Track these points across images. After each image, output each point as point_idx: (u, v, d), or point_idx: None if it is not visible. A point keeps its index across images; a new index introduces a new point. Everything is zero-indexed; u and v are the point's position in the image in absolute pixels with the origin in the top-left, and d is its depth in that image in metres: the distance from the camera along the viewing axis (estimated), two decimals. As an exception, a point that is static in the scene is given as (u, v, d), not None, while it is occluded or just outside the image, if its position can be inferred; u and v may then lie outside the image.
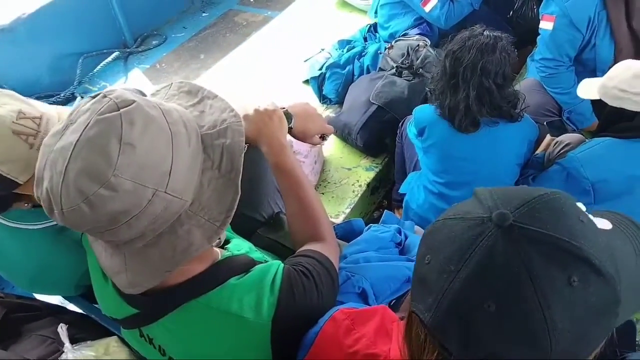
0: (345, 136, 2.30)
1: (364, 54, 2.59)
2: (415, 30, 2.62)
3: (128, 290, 0.80)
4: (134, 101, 0.72)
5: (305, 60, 2.78)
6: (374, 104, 2.22)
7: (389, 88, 2.25)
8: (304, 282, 0.92)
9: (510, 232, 0.51)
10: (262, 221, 1.32)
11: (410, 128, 1.92)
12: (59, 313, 1.31)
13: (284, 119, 1.18)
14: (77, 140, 0.69)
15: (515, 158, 1.77)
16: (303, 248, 1.07)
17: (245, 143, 1.19)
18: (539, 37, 2.18)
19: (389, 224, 1.41)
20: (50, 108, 1.05)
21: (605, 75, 1.62)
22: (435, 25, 2.58)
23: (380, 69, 2.42)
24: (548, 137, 1.87)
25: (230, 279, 0.87)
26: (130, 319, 0.91)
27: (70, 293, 1.30)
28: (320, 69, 2.59)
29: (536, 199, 0.54)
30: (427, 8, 2.50)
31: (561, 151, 1.74)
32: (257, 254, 1.02)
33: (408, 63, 2.30)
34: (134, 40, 3.57)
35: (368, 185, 2.26)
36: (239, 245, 1.01)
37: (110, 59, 3.42)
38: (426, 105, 1.81)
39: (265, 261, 0.97)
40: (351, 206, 2.18)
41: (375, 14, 2.82)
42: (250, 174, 1.28)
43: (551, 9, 2.06)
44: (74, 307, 1.38)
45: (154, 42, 3.61)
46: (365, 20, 2.98)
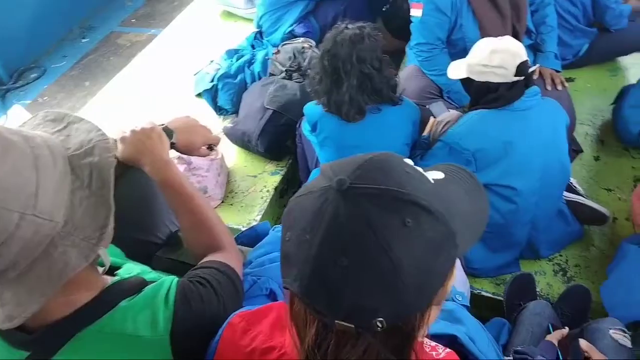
0: (245, 144, 2.31)
1: (253, 61, 2.61)
2: (301, 27, 2.70)
3: (6, 325, 0.76)
4: None
5: (195, 74, 2.75)
6: (269, 109, 2.25)
7: (282, 92, 2.29)
8: (202, 292, 0.93)
9: (348, 193, 0.57)
10: (160, 243, 1.30)
11: (304, 125, 1.97)
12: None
13: (163, 136, 1.17)
14: None
15: (403, 138, 1.87)
16: (203, 260, 1.07)
17: (128, 165, 1.19)
18: (411, 25, 2.32)
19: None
20: None
21: (468, 54, 1.76)
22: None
23: (271, 74, 2.45)
24: (431, 119, 2.00)
25: (122, 301, 0.86)
26: None
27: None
28: (212, 81, 2.58)
29: (367, 162, 0.61)
30: None
31: (443, 129, 1.87)
32: (151, 275, 1.00)
33: (296, 66, 2.36)
34: (10, 76, 3.35)
35: (276, 189, 2.29)
36: (130, 269, 0.99)
37: (-15, 99, 3.19)
38: (314, 102, 1.87)
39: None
40: (262, 212, 2.19)
41: (259, 25, 2.85)
42: (140, 197, 1.25)
43: None
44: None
45: (32, 76, 3.41)
46: (251, 28, 3.00)
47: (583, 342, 1.27)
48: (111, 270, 0.97)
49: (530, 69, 1.68)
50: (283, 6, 2.73)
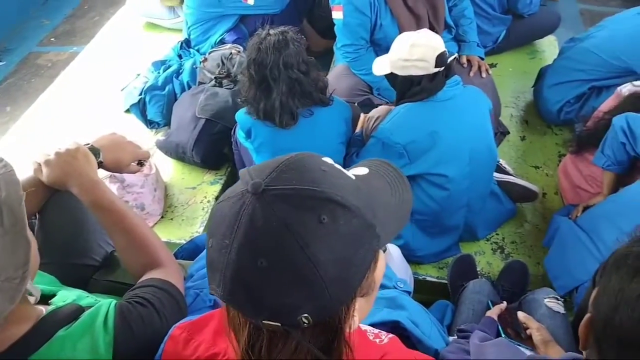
0: (181, 156, 2.27)
1: (181, 71, 2.56)
2: (231, 35, 2.68)
3: None
4: None
5: (122, 89, 2.67)
6: (201, 118, 2.22)
7: (213, 100, 2.26)
8: (142, 313, 0.92)
9: (264, 196, 0.59)
10: (97, 265, 1.25)
11: (239, 132, 1.96)
12: None
13: (90, 155, 1.14)
14: None
15: (337, 137, 1.90)
16: (141, 279, 1.05)
17: (55, 188, 1.14)
18: (335, 27, 2.36)
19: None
20: None
21: (390, 50, 1.81)
22: (270, 13, 2.65)
23: (200, 83, 2.41)
24: (362, 116, 2.03)
25: (59, 331, 0.83)
26: None
27: None
28: (140, 95, 2.51)
29: (283, 163, 0.62)
30: (250, 1, 2.58)
31: (374, 125, 1.91)
32: (88, 300, 0.97)
33: (225, 72, 2.33)
34: None
35: (216, 198, 2.25)
36: (65, 297, 0.96)
37: None
38: (244, 109, 1.86)
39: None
40: (204, 224, 2.15)
41: (188, 34, 2.81)
42: (70, 221, 1.21)
43: (337, 0, 2.24)
44: None
45: (-54, 105, 3.19)
46: (177, 38, 2.94)
47: (521, 314, 1.34)
48: (46, 299, 0.94)
49: (449, 59, 1.75)
50: (213, 18, 2.70)
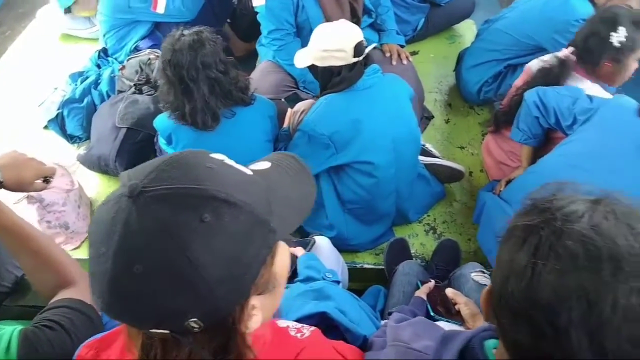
0: (104, 169, 2.18)
1: (99, 81, 2.46)
2: (146, 42, 2.60)
3: None
4: None
5: (39, 105, 2.54)
6: (122, 127, 2.14)
7: (133, 107, 2.19)
8: (50, 336, 0.88)
9: (140, 198, 0.55)
10: (7, 291, 1.19)
11: (160, 140, 1.90)
12: None
13: None
14: None
15: (263, 135, 1.88)
16: (52, 300, 1.01)
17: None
18: (258, 16, 2.33)
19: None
20: None
21: (310, 41, 1.81)
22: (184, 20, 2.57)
23: (120, 92, 2.33)
24: (288, 111, 2.03)
25: None
26: None
27: None
28: (58, 109, 2.40)
29: (164, 162, 0.60)
30: (160, 10, 2.50)
31: (299, 118, 1.91)
32: None
33: (144, 78, 2.27)
34: None
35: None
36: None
37: None
38: (164, 114, 1.81)
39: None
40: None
41: (105, 43, 2.70)
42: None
43: None
44: None
45: None
46: (95, 48, 2.83)
47: (449, 290, 1.37)
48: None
49: (367, 48, 1.77)
50: (127, 24, 2.62)
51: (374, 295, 1.59)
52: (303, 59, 1.83)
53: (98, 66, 2.64)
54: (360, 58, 1.74)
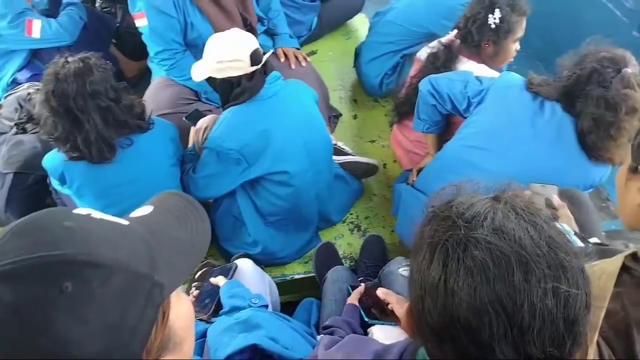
0: (-6, 222, 1.97)
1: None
2: (25, 73, 2.38)
3: None
4: None
5: None
6: (8, 173, 1.94)
7: (18, 149, 1.99)
8: None
9: None
10: None
11: (52, 181, 1.73)
12: None
13: None
14: None
15: (167, 160, 1.78)
16: None
17: None
18: (143, 36, 2.20)
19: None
20: None
21: (204, 53, 1.72)
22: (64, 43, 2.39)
23: (0, 134, 2.11)
24: (192, 129, 1.92)
25: None
26: None
27: None
28: None
29: (10, 231, 0.51)
30: (35, 34, 2.29)
31: (204, 136, 1.82)
32: None
33: (25, 116, 2.06)
34: None
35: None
36: None
37: None
38: (52, 152, 1.65)
39: None
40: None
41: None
42: None
43: (138, 6, 2.10)
44: None
45: None
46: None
47: (380, 291, 1.34)
48: None
49: (264, 56, 1.72)
50: (1, 56, 2.38)
51: (307, 309, 1.55)
52: (199, 72, 1.75)
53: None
54: (259, 66, 1.69)
